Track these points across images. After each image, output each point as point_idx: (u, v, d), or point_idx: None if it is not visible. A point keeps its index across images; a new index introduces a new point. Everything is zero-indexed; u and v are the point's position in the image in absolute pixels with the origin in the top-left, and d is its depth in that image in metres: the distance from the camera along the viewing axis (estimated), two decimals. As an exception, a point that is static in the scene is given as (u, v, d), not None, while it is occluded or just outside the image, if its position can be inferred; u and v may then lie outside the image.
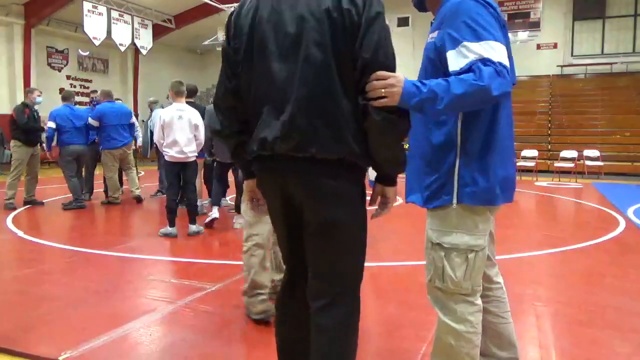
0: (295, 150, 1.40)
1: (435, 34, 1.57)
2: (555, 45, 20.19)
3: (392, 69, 1.41)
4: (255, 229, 2.74)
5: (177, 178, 5.05)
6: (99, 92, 7.83)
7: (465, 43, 1.44)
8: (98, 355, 2.34)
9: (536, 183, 11.39)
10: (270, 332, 2.60)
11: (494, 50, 1.41)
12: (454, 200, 1.57)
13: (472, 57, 1.41)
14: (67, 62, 17.45)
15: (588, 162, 13.44)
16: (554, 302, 3.12)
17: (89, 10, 14.29)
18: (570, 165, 12.60)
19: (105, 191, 7.32)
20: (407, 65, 21.89)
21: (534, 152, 13.36)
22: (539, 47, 20.41)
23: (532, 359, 2.32)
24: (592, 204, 7.80)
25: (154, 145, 6.35)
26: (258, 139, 1.46)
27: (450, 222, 1.59)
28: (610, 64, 19.05)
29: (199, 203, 5.70)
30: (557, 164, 12.72)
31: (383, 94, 1.38)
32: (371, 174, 1.60)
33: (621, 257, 4.32)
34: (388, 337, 2.55)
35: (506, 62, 1.42)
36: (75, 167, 6.99)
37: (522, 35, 20.56)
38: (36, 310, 2.89)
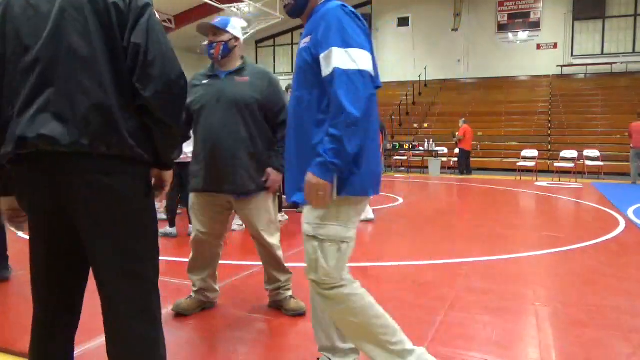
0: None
1: (308, 39, 1.71)
2: (555, 45, 20.19)
3: (168, 54, 1.38)
4: None
5: (177, 178, 5.05)
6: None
7: (332, 48, 1.59)
8: (98, 355, 2.33)
9: (536, 183, 11.39)
10: (270, 332, 2.61)
11: (357, 58, 1.57)
12: (334, 192, 1.65)
13: (337, 63, 1.57)
14: (67, 62, 17.42)
15: (588, 162, 13.44)
16: (554, 302, 3.12)
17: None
18: (570, 165, 12.60)
19: None
20: (407, 65, 21.97)
21: (534, 152, 13.37)
22: (539, 47, 20.42)
23: (532, 359, 2.32)
24: (592, 204, 7.80)
25: None
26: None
27: (326, 216, 1.70)
28: (610, 64, 19.06)
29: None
30: (557, 164, 12.73)
31: (321, 204, 1.61)
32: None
33: (621, 257, 4.32)
34: (388, 337, 2.54)
35: (367, 68, 1.60)
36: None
37: (522, 35, 20.58)
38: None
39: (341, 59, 1.57)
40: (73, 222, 1.33)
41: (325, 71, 1.61)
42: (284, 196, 6.82)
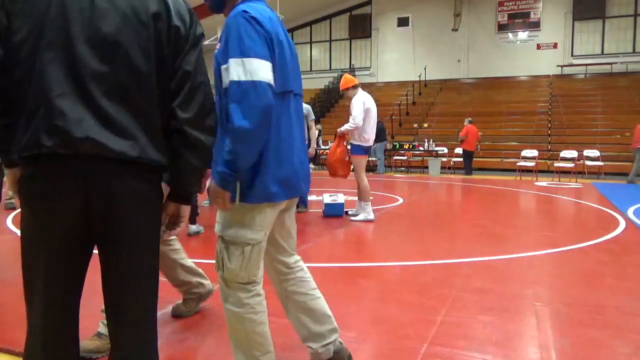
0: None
1: (219, 45, 1.73)
2: (555, 45, 20.20)
3: (207, 84, 1.42)
4: None
5: None
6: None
7: (230, 60, 1.61)
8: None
9: (536, 183, 11.39)
10: (270, 332, 2.60)
11: (252, 68, 1.59)
12: (237, 199, 1.72)
13: (232, 76, 1.60)
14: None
15: (588, 162, 13.45)
16: (554, 302, 3.12)
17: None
18: (570, 165, 12.61)
19: None
20: (408, 65, 21.97)
21: (534, 152, 13.37)
22: (539, 47, 20.42)
23: (532, 359, 2.32)
24: (592, 204, 7.80)
25: None
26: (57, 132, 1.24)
27: (232, 218, 1.76)
28: (610, 64, 19.06)
29: (198, 203, 5.70)
30: (557, 164, 12.73)
31: (223, 209, 1.74)
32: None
33: (621, 257, 4.32)
34: (388, 337, 2.55)
35: (263, 77, 1.60)
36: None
37: (522, 35, 20.59)
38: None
39: (236, 71, 1.59)
40: (101, 223, 1.30)
41: (225, 83, 1.64)
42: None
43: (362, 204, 6.01)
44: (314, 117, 6.99)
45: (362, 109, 5.84)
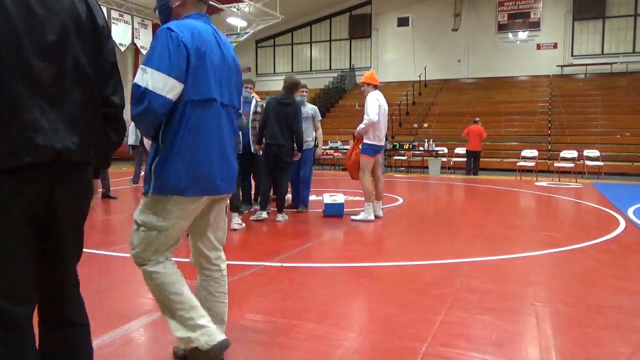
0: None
1: None
2: (555, 45, 20.20)
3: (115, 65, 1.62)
4: None
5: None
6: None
7: (141, 65, 1.91)
8: (98, 354, 2.33)
9: (536, 183, 11.39)
10: (270, 332, 2.61)
11: (150, 78, 1.85)
12: (150, 190, 1.96)
13: (137, 79, 1.88)
14: (68, 62, 17.43)
15: (588, 162, 13.44)
16: (554, 302, 3.12)
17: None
18: (570, 165, 12.61)
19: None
20: (408, 65, 21.96)
21: (534, 152, 13.36)
22: (539, 47, 20.42)
23: (532, 359, 2.32)
24: (592, 204, 7.80)
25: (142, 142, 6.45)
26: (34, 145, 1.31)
27: (146, 205, 2.01)
28: (610, 64, 19.06)
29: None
30: (557, 164, 12.73)
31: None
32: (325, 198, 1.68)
33: (621, 257, 4.32)
34: (388, 337, 2.55)
35: (155, 88, 1.84)
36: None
37: (522, 35, 20.58)
38: (36, 310, 2.88)
39: (140, 75, 1.87)
40: (56, 216, 1.44)
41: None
42: (286, 196, 6.83)
43: (367, 204, 5.99)
44: (320, 118, 6.96)
45: (377, 106, 5.83)
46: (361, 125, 5.86)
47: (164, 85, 1.86)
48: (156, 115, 1.90)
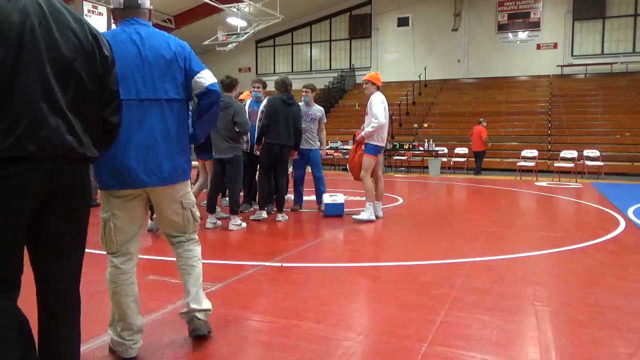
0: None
1: None
2: (555, 45, 20.19)
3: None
4: None
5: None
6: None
7: None
8: (98, 355, 2.34)
9: (536, 183, 11.39)
10: (270, 332, 2.61)
11: None
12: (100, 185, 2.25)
13: None
14: (67, 62, 17.40)
15: (588, 162, 13.44)
16: (554, 302, 3.12)
17: (89, 10, 14.28)
18: (570, 165, 12.60)
19: None
20: (408, 65, 21.95)
21: (534, 152, 13.36)
22: (539, 47, 20.41)
23: (532, 359, 2.32)
24: (592, 204, 7.80)
25: None
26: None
27: (102, 201, 2.28)
28: (610, 64, 19.05)
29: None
30: (557, 164, 12.73)
31: None
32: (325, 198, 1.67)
33: (621, 257, 4.32)
34: (388, 337, 2.55)
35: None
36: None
37: (522, 35, 20.58)
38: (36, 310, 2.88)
39: None
40: (52, 206, 1.65)
41: None
42: (287, 196, 6.83)
43: (368, 204, 5.98)
44: (325, 120, 6.96)
45: (383, 108, 5.81)
46: (369, 129, 5.75)
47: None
48: None
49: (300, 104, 6.62)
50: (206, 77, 2.32)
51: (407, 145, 15.06)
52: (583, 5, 19.44)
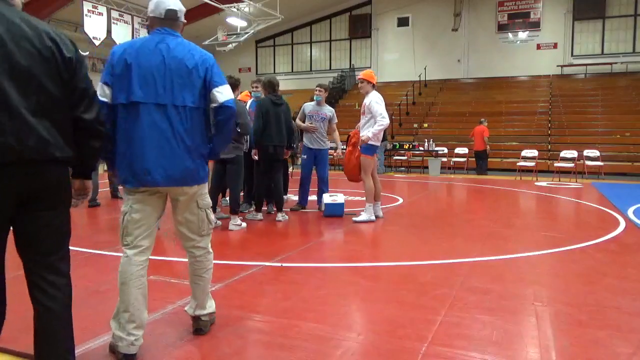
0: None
1: None
2: (555, 45, 20.19)
3: (93, 88, 1.99)
4: None
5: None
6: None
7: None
8: (98, 355, 2.34)
9: (536, 183, 11.39)
10: (270, 332, 2.61)
11: (99, 89, 2.24)
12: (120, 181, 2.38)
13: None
14: (67, 62, 17.43)
15: (588, 162, 13.44)
16: (554, 302, 3.12)
17: (89, 10, 14.28)
18: (570, 165, 12.60)
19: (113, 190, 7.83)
20: (408, 65, 21.96)
21: (534, 152, 13.36)
22: (539, 47, 20.41)
23: (532, 359, 2.32)
24: (592, 204, 7.80)
25: None
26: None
27: (123, 195, 2.42)
28: (610, 64, 19.05)
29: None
30: (557, 164, 12.73)
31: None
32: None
33: (621, 257, 4.32)
34: (388, 337, 2.55)
35: (100, 95, 2.22)
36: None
37: (522, 35, 20.58)
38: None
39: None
40: (27, 209, 1.77)
41: None
42: (285, 196, 6.83)
43: (368, 205, 5.97)
44: (336, 120, 6.93)
45: (384, 108, 5.80)
46: (375, 130, 5.67)
47: (102, 92, 2.28)
48: (104, 115, 2.21)
49: (311, 103, 6.62)
50: (223, 93, 2.39)
51: (407, 145, 15.07)
52: (583, 5, 19.44)
